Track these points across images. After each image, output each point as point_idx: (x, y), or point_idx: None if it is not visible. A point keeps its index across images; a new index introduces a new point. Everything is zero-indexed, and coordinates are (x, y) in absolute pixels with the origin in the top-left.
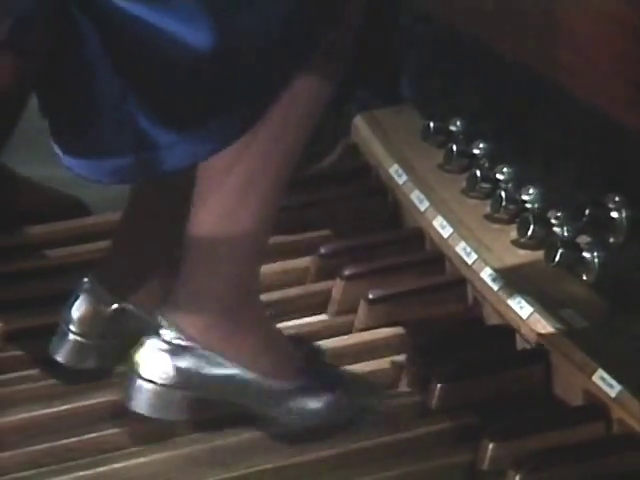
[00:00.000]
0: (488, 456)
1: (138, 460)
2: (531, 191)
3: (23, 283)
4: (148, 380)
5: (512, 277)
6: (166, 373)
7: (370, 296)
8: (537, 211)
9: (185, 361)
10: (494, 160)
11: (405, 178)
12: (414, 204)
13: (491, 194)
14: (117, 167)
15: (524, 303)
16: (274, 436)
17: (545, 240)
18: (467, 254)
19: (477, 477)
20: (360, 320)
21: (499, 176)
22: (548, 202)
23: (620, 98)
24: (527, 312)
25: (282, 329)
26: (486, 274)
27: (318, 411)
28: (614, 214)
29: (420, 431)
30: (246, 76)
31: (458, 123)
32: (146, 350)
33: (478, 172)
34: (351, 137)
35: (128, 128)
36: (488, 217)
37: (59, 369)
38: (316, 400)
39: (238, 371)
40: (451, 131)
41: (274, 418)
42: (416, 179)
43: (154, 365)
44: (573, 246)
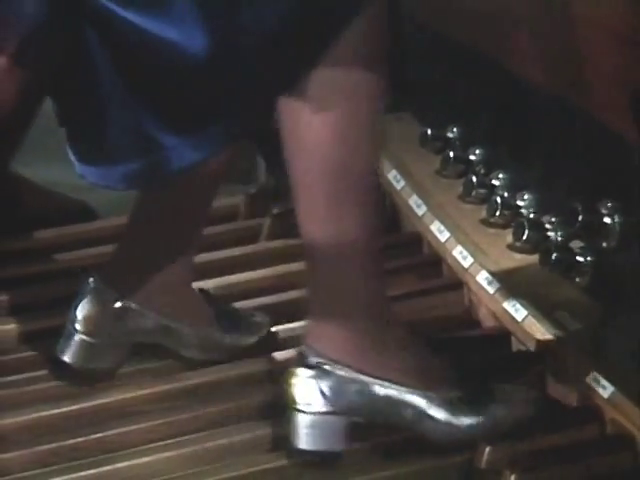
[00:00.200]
0: (485, 456)
1: (141, 460)
2: (526, 197)
3: (31, 286)
4: (301, 411)
5: (507, 280)
6: (315, 400)
7: None
8: (532, 216)
9: (330, 384)
10: (490, 166)
11: (403, 183)
12: (412, 209)
13: (487, 199)
14: (126, 172)
15: (519, 306)
16: (274, 436)
17: (540, 244)
18: (464, 258)
19: (474, 477)
20: None
21: (495, 182)
22: (543, 207)
23: (613, 107)
24: (522, 315)
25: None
26: (482, 277)
27: (470, 426)
28: (607, 219)
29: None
30: (245, 78)
31: (455, 130)
32: (295, 380)
33: (474, 178)
34: None
35: (134, 133)
36: (484, 222)
37: (66, 370)
38: (468, 414)
39: (380, 387)
40: (448, 138)
41: (424, 434)
42: (414, 184)
43: (303, 394)
44: (567, 250)
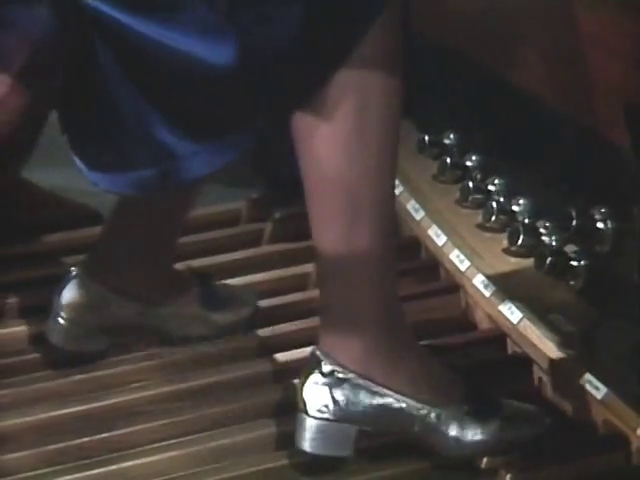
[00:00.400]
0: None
1: (146, 459)
2: (521, 202)
3: (40, 289)
4: (312, 416)
5: (503, 283)
6: (327, 407)
7: None
8: (527, 221)
9: (343, 393)
10: (486, 172)
11: (401, 189)
12: (410, 214)
13: (483, 204)
14: (139, 179)
15: (514, 308)
16: (277, 436)
17: (534, 248)
18: (460, 261)
19: (472, 477)
20: None
21: (491, 187)
22: (537, 213)
23: (607, 116)
24: (517, 317)
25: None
26: (478, 280)
27: (477, 442)
28: (600, 225)
29: None
30: (262, 89)
31: (452, 137)
32: (308, 385)
33: (471, 183)
34: None
35: (148, 141)
36: (480, 226)
37: (74, 372)
38: (477, 430)
39: (392, 399)
40: (445, 144)
41: (432, 447)
42: (412, 190)
43: (315, 400)
44: (561, 254)
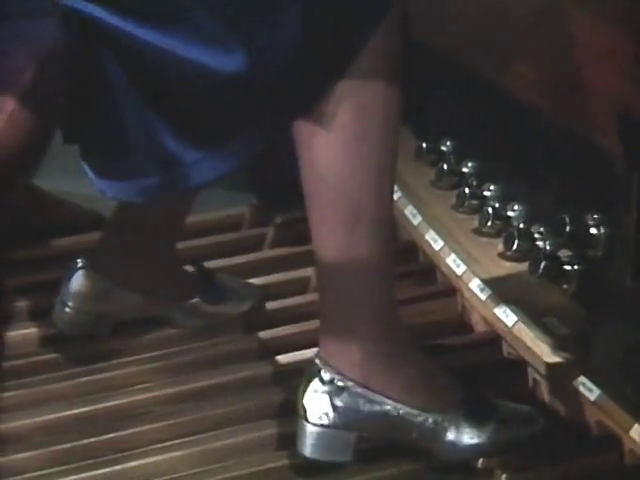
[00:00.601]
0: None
1: (151, 459)
2: (516, 208)
3: (48, 292)
4: (312, 423)
5: (498, 287)
6: (327, 414)
7: None
8: (522, 226)
9: (343, 401)
10: (482, 178)
11: (399, 194)
12: (408, 218)
13: (479, 210)
14: (145, 187)
15: (509, 312)
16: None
17: (529, 253)
18: (457, 265)
19: (468, 477)
20: None
21: (486, 193)
22: (532, 218)
23: (600, 125)
24: (512, 320)
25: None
26: (474, 284)
27: (474, 445)
28: (593, 230)
29: None
30: (266, 97)
31: (449, 144)
32: (308, 392)
33: (467, 189)
34: None
35: (153, 149)
36: (476, 231)
37: (81, 373)
38: (474, 433)
39: (391, 407)
40: (442, 151)
41: (430, 451)
42: (410, 195)
43: (316, 407)
44: (555, 259)
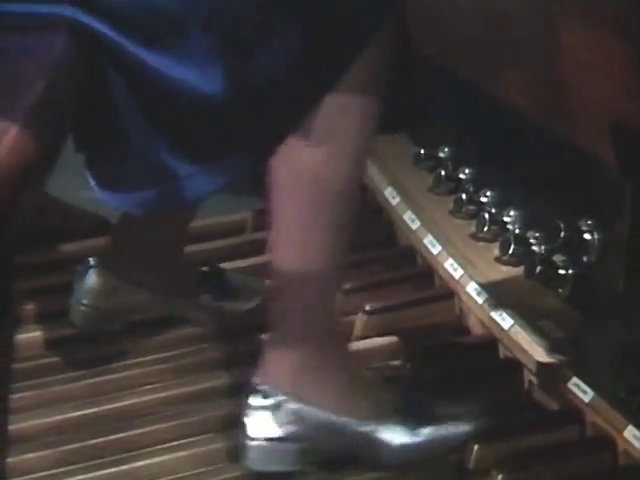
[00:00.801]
0: (473, 457)
1: (157, 459)
2: (512, 213)
3: (55, 296)
4: (254, 438)
5: (495, 291)
6: (267, 428)
7: (367, 307)
8: (517, 231)
9: (281, 414)
10: (479, 185)
11: (398, 200)
12: (406, 224)
13: (476, 215)
14: (143, 199)
15: (505, 315)
16: None
17: (525, 258)
18: (454, 270)
19: (463, 477)
20: (358, 329)
21: (483, 199)
22: (527, 224)
23: (594, 133)
24: (508, 323)
25: None
26: (471, 288)
27: (410, 445)
28: (587, 236)
29: None
30: (258, 114)
31: (446, 151)
32: (249, 409)
33: (464, 195)
34: None
35: (152, 163)
36: (473, 236)
37: (89, 375)
38: (408, 435)
39: (325, 416)
40: (440, 158)
41: (370, 457)
42: (408, 201)
43: (256, 422)
44: (550, 263)
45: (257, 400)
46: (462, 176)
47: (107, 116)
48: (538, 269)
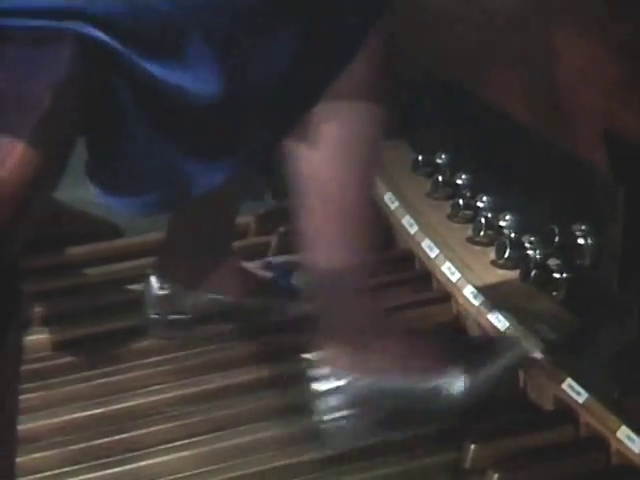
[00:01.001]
0: (470, 456)
1: (161, 458)
2: (508, 218)
3: (64, 298)
4: (331, 420)
5: (491, 294)
6: (342, 408)
7: None
8: (513, 236)
9: (352, 392)
10: (475, 190)
11: (397, 204)
12: (405, 228)
13: (472, 220)
14: (147, 201)
15: (501, 317)
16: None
17: (520, 261)
18: (451, 273)
19: (459, 476)
20: None
21: (480, 204)
22: (523, 228)
23: (587, 141)
24: (504, 325)
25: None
26: (468, 291)
27: (469, 389)
28: (581, 240)
29: (408, 433)
30: (257, 112)
31: (444, 157)
32: (318, 396)
33: (461, 200)
34: None
35: (155, 166)
36: (470, 240)
37: (95, 376)
38: (467, 381)
39: (391, 386)
40: (437, 164)
41: (434, 413)
42: (407, 205)
43: (330, 405)
44: (545, 267)
45: (324, 385)
46: (459, 182)
47: (111, 123)
48: (533, 273)
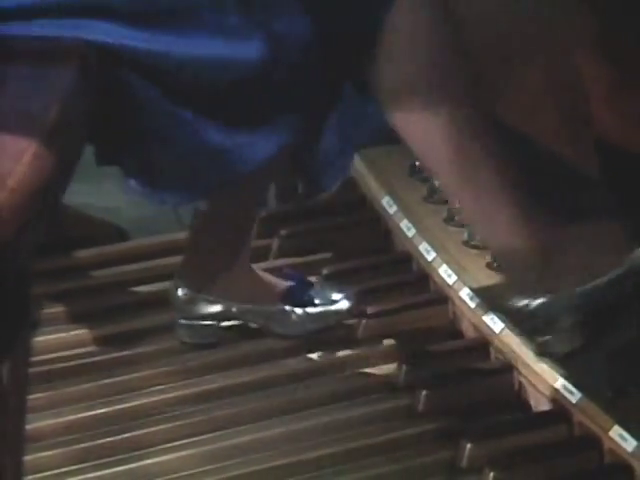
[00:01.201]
0: (466, 455)
1: (164, 457)
2: None
3: (71, 300)
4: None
5: (487, 296)
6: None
7: (368, 311)
8: None
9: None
10: None
11: (395, 208)
12: (403, 231)
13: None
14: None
15: (496, 319)
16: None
17: None
18: (448, 275)
19: (456, 475)
20: (359, 332)
21: None
22: None
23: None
24: (499, 327)
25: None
26: (464, 293)
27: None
28: None
29: (406, 432)
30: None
31: None
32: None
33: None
34: (350, 172)
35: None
36: (466, 243)
37: (100, 376)
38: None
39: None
40: None
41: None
42: (404, 209)
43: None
44: None
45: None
46: None
47: (141, 121)
48: None
